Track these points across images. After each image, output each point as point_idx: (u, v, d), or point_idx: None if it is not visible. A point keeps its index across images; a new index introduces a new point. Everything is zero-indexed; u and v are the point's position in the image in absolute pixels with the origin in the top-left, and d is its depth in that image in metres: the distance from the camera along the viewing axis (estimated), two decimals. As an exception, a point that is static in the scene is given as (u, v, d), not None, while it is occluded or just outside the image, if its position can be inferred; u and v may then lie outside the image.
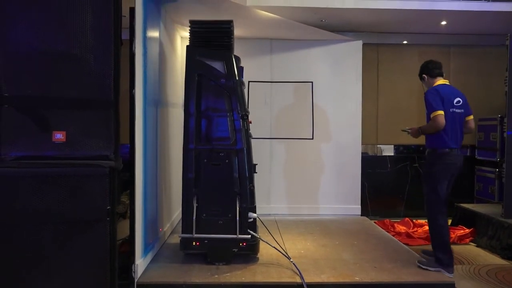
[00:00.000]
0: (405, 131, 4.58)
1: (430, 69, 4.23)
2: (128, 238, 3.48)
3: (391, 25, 6.57)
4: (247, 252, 3.93)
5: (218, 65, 3.95)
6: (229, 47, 4.01)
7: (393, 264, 3.91)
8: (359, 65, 6.25)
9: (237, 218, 3.83)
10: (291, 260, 3.91)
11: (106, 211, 2.98)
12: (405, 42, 7.19)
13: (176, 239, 4.39)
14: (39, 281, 2.94)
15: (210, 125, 3.97)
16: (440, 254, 3.91)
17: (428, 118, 4.05)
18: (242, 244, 3.86)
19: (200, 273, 3.60)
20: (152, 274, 3.58)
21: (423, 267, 3.91)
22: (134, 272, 3.33)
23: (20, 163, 2.92)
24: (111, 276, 3.03)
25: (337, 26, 6.39)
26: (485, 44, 7.19)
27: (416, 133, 4.28)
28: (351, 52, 6.25)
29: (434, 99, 3.99)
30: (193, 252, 3.95)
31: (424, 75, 4.28)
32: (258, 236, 3.99)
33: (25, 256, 2.91)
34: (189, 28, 4.06)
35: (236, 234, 3.82)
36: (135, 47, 3.36)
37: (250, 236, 3.88)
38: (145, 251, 3.71)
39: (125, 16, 3.20)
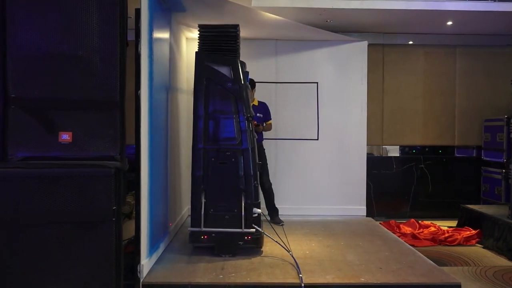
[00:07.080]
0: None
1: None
2: (134, 238, 3.49)
3: (397, 26, 6.57)
4: (252, 245, 4.13)
5: (225, 70, 4.15)
6: (235, 51, 4.20)
7: (398, 265, 3.90)
8: (365, 66, 6.22)
9: (242, 213, 4.04)
10: (290, 252, 4.04)
11: (111, 212, 3.00)
12: (410, 42, 7.17)
13: (185, 232, 4.55)
14: (45, 281, 2.95)
15: (218, 126, 4.16)
16: None
17: (263, 121, 5.45)
18: (247, 238, 4.05)
19: (205, 273, 3.61)
20: (157, 274, 3.60)
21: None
22: (139, 272, 3.35)
23: (26, 164, 2.94)
24: (117, 276, 3.05)
25: (342, 27, 6.39)
26: (491, 44, 7.15)
27: (260, 130, 5.40)
28: (356, 53, 6.23)
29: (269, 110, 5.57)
30: (201, 245, 4.14)
31: (254, 89, 5.38)
32: (262, 231, 4.14)
33: (31, 255, 2.93)
34: (198, 32, 4.23)
35: (241, 228, 4.03)
36: (140, 48, 3.38)
37: (254, 230, 4.05)
38: (151, 251, 3.72)
39: (130, 17, 3.22)
